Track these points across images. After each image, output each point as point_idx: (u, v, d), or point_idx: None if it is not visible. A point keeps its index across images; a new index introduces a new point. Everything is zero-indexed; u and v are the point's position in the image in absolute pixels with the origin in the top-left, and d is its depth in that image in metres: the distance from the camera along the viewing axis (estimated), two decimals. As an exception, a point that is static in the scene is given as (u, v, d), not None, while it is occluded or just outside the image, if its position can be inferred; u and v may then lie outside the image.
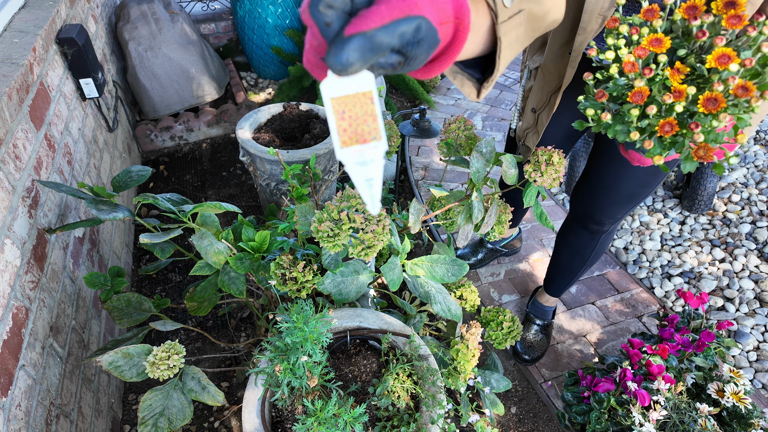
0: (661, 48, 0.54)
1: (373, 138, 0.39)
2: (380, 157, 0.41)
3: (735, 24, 0.52)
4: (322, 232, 0.84)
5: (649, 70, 0.54)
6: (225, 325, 1.68)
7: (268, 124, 1.88)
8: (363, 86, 0.36)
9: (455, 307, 1.06)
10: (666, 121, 0.55)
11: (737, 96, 0.52)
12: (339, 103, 0.36)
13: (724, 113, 0.52)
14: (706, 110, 0.52)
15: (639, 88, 0.55)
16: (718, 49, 0.52)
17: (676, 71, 0.54)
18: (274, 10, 2.73)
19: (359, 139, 0.38)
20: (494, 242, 1.79)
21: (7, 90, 1.10)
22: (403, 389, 0.96)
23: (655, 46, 0.55)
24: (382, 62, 0.36)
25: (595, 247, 1.36)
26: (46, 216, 1.21)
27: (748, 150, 2.32)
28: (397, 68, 0.38)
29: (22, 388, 0.96)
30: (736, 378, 1.18)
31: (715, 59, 0.52)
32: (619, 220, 1.26)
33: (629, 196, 1.16)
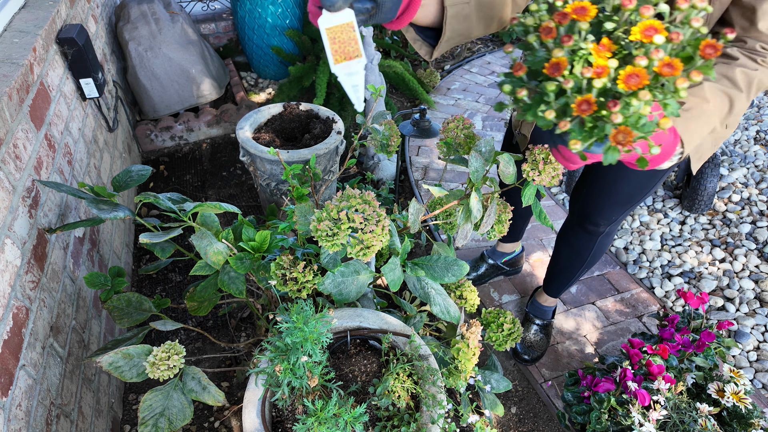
0: (585, 17, 0.48)
1: (356, 56, 0.56)
2: (361, 70, 0.58)
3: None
4: (321, 231, 0.84)
5: (569, 37, 0.48)
6: (225, 325, 1.68)
7: (268, 124, 1.88)
8: (346, 19, 0.53)
9: (454, 309, 1.06)
10: (583, 98, 0.48)
11: (662, 74, 0.46)
12: (331, 31, 0.54)
13: (645, 91, 0.46)
14: (627, 87, 0.47)
15: (557, 58, 0.49)
16: (644, 21, 0.47)
17: (601, 46, 0.48)
18: (274, 10, 2.73)
19: (346, 57, 0.56)
20: (496, 258, 1.78)
21: (8, 90, 1.10)
22: (404, 389, 0.96)
23: (580, 15, 0.49)
24: (359, 7, 0.55)
25: (593, 248, 1.36)
26: (47, 216, 1.21)
27: (748, 150, 2.32)
28: (372, 13, 0.57)
29: (22, 387, 0.96)
30: (736, 378, 1.18)
31: (641, 31, 0.47)
32: (615, 222, 1.27)
33: (625, 198, 1.17)
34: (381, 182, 2.25)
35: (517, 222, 1.64)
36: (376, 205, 0.87)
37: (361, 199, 0.87)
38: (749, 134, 2.42)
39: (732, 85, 0.77)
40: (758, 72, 0.77)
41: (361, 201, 0.86)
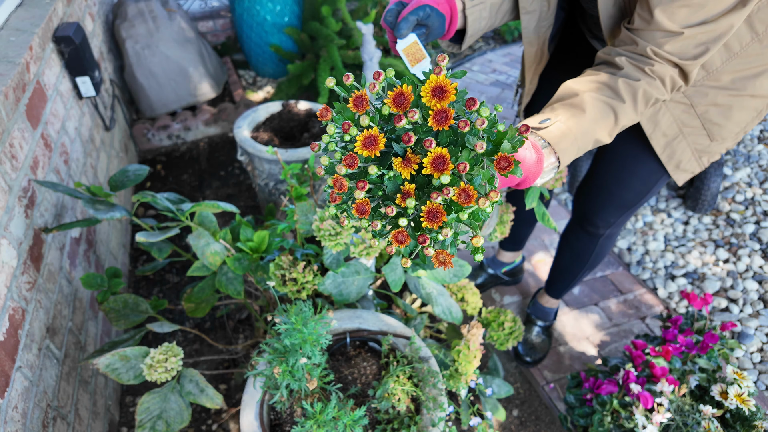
0: (376, 149, 0.50)
1: (423, 58, 0.79)
2: (428, 65, 0.80)
3: (443, 123, 0.49)
4: (323, 230, 0.83)
5: (363, 183, 0.50)
6: (223, 326, 1.66)
7: (266, 123, 1.87)
8: (412, 40, 0.79)
9: (456, 310, 1.05)
10: (397, 232, 0.51)
11: (461, 204, 0.48)
12: (405, 51, 0.80)
13: (446, 228, 0.49)
14: (430, 225, 0.48)
15: (359, 200, 0.51)
16: (433, 150, 0.48)
17: (406, 162, 0.50)
18: (272, 8, 2.71)
19: (417, 60, 0.80)
20: (496, 268, 1.77)
21: (4, 89, 1.09)
22: (404, 392, 0.95)
23: (370, 147, 0.50)
24: (417, 33, 0.81)
25: (594, 250, 1.35)
26: (43, 216, 1.20)
27: (752, 150, 2.30)
28: (427, 33, 0.83)
29: (18, 390, 0.94)
30: (739, 380, 1.17)
31: (431, 163, 0.48)
32: (614, 225, 1.27)
33: (624, 202, 1.18)
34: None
35: (519, 229, 1.62)
36: None
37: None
38: (753, 133, 2.41)
39: (614, 96, 0.76)
40: (641, 83, 0.76)
41: (363, 200, 0.85)
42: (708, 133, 1.03)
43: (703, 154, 1.07)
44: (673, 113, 1.00)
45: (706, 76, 0.95)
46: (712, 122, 1.00)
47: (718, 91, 0.96)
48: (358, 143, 0.50)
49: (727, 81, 0.95)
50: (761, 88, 0.97)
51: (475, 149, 0.49)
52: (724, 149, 1.07)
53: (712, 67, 0.94)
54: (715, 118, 1.00)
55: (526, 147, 0.65)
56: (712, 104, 0.98)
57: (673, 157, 1.06)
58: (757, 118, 1.04)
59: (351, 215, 0.54)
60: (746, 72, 0.95)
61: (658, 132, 1.03)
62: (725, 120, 1.00)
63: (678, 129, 1.02)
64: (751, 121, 1.04)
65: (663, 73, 0.77)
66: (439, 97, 0.50)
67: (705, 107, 0.99)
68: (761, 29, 0.89)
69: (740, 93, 0.97)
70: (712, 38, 0.76)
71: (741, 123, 1.02)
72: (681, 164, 1.08)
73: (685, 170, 1.10)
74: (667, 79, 0.78)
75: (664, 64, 0.77)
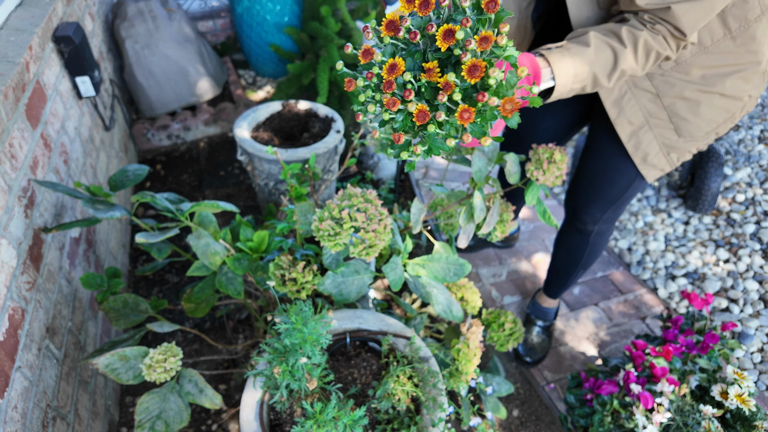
0: (398, 71, 0.59)
1: None
2: None
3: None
4: (323, 231, 0.83)
5: (409, 92, 0.59)
6: (223, 326, 1.66)
7: (266, 123, 1.86)
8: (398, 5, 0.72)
9: (457, 308, 1.04)
10: (462, 109, 0.59)
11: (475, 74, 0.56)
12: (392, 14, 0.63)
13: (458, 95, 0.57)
14: (470, 78, 0.57)
15: (419, 107, 0.59)
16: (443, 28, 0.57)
17: (428, 71, 0.58)
18: (272, 8, 2.71)
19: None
20: None
21: (3, 89, 1.08)
22: (404, 392, 0.95)
23: (394, 72, 0.59)
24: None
25: (587, 248, 1.35)
26: (42, 216, 1.19)
27: (752, 149, 2.30)
28: None
29: (18, 390, 0.94)
30: (740, 380, 1.17)
31: (441, 37, 0.56)
32: (601, 221, 1.27)
33: (608, 197, 1.19)
34: (381, 182, 2.23)
35: (511, 200, 1.62)
36: (378, 203, 0.86)
37: (363, 198, 0.85)
38: (753, 133, 2.40)
39: (617, 40, 0.80)
40: (643, 33, 0.80)
41: (363, 200, 0.85)
42: (675, 128, 1.02)
43: (672, 150, 1.06)
44: (639, 101, 1.00)
45: (674, 66, 0.95)
46: (680, 116, 1.00)
47: (686, 84, 0.96)
48: (384, 74, 0.60)
49: (697, 76, 0.95)
50: (732, 89, 0.96)
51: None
52: (694, 148, 1.06)
53: (682, 58, 0.94)
54: (682, 112, 0.99)
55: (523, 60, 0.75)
56: (680, 97, 0.98)
57: (639, 148, 1.06)
58: (729, 121, 1.03)
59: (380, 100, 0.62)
60: (717, 69, 0.94)
61: (623, 119, 1.03)
62: (693, 116, 0.99)
63: (644, 118, 1.02)
64: (723, 123, 1.03)
65: (664, 31, 0.80)
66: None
67: (672, 99, 0.98)
68: (734, 26, 0.89)
69: (709, 90, 0.96)
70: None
71: (710, 122, 1.01)
72: (648, 158, 1.07)
73: (654, 165, 1.09)
74: (669, 36, 0.81)
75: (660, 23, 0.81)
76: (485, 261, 1.91)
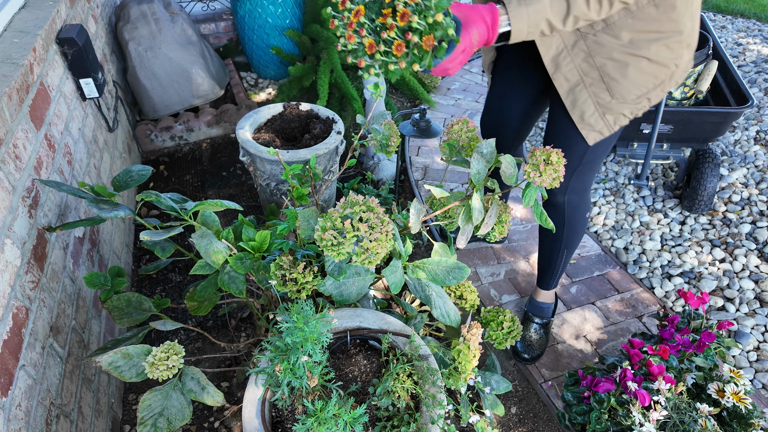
0: (360, 15, 0.79)
1: None
2: None
3: None
4: (326, 240, 0.84)
5: (362, 29, 0.80)
6: (225, 325, 1.68)
7: (268, 124, 1.88)
8: None
9: (454, 313, 1.06)
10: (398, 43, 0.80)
11: None
12: None
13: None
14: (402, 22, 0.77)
15: (369, 41, 0.81)
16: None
17: (383, 16, 0.77)
18: (274, 10, 2.73)
19: None
20: None
21: (8, 90, 1.10)
22: (404, 389, 0.96)
23: (356, 16, 0.79)
24: None
25: (564, 224, 1.40)
26: (46, 216, 1.21)
27: (748, 150, 2.32)
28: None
29: (22, 388, 0.95)
30: (736, 378, 1.18)
31: None
32: (569, 192, 1.33)
33: (570, 165, 1.26)
34: (381, 182, 2.24)
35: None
36: (380, 211, 0.87)
37: (365, 206, 0.86)
38: (749, 134, 2.42)
39: None
40: None
41: (365, 208, 0.86)
42: (607, 88, 1.09)
43: (607, 111, 1.13)
44: (574, 60, 1.08)
45: (605, 27, 1.02)
46: (610, 76, 1.07)
47: (615, 46, 1.03)
48: (352, 17, 0.80)
49: (626, 39, 1.02)
50: (657, 55, 1.04)
51: None
52: (627, 111, 1.13)
53: (611, 20, 1.01)
54: (612, 72, 1.07)
55: None
56: (609, 58, 1.05)
57: (576, 105, 1.13)
58: (659, 88, 1.11)
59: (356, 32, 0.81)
60: (643, 35, 1.02)
61: (559, 75, 1.11)
62: (621, 77, 1.06)
63: (579, 76, 1.10)
64: (653, 89, 1.11)
65: None
66: None
67: (603, 60, 1.06)
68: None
69: (636, 53, 1.04)
70: None
71: (639, 86, 1.08)
72: (585, 116, 1.14)
73: (592, 126, 1.16)
74: None
75: None
76: (484, 260, 1.93)
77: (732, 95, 1.97)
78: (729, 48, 3.29)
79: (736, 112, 1.78)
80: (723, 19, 3.83)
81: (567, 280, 1.84)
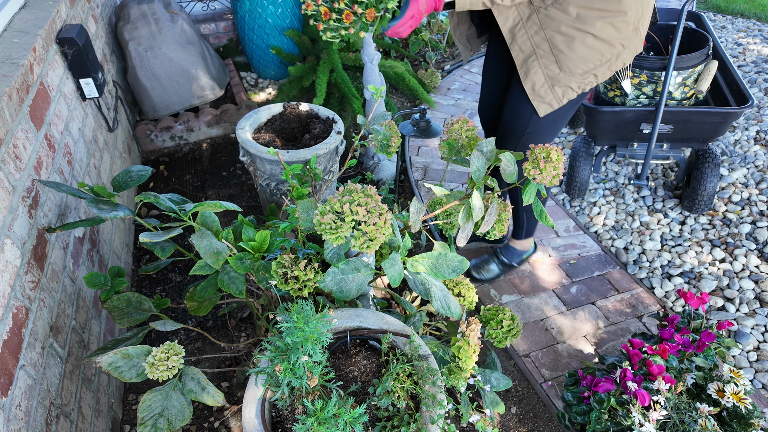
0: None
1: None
2: None
3: None
4: (324, 224, 0.85)
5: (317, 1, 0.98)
6: (225, 325, 1.68)
7: (268, 124, 1.88)
8: None
9: (455, 305, 1.06)
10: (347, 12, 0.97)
11: None
12: None
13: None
14: None
15: (324, 9, 0.99)
16: None
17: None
18: (274, 10, 2.73)
19: None
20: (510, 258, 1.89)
21: (8, 90, 1.10)
22: (403, 389, 0.96)
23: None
24: None
25: (516, 187, 1.52)
26: (46, 216, 1.21)
27: (748, 150, 2.32)
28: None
29: (22, 388, 0.95)
30: (736, 378, 1.18)
31: None
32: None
33: (517, 132, 1.38)
34: (381, 182, 2.24)
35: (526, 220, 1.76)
36: (377, 198, 0.87)
37: (363, 193, 0.87)
38: (749, 134, 2.42)
39: None
40: None
41: (363, 195, 0.87)
42: (556, 60, 1.18)
43: (556, 83, 1.21)
44: (527, 32, 1.17)
45: (554, 2, 1.11)
46: (558, 49, 1.16)
47: (563, 20, 1.12)
48: None
49: (573, 14, 1.11)
50: (602, 32, 1.12)
51: None
52: (574, 84, 1.22)
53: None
54: (560, 45, 1.15)
55: None
56: (558, 31, 1.14)
57: (528, 76, 1.22)
58: (605, 66, 1.19)
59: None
60: (589, 12, 1.10)
61: (515, 46, 1.20)
62: (568, 50, 1.15)
63: (532, 48, 1.19)
64: (600, 66, 1.19)
65: None
66: None
67: (552, 33, 1.15)
68: None
69: (583, 29, 1.12)
70: None
71: (586, 60, 1.17)
72: (536, 87, 1.23)
73: (542, 97, 1.25)
74: None
75: None
76: (484, 261, 1.92)
77: (732, 95, 1.97)
78: (729, 48, 3.29)
79: (736, 112, 1.78)
80: (723, 19, 3.83)
81: (567, 280, 1.84)
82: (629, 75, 1.86)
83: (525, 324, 1.69)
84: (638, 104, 1.94)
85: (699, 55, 1.83)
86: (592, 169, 2.12)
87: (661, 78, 1.82)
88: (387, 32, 1.03)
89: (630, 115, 1.87)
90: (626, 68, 1.35)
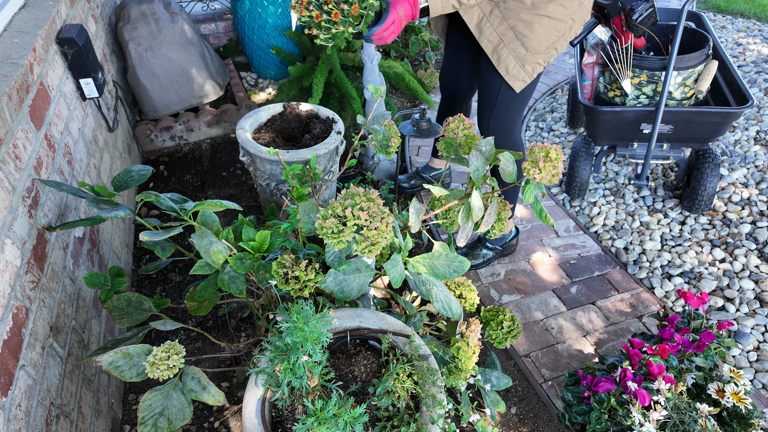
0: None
1: None
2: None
3: None
4: (326, 228, 0.85)
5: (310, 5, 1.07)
6: (225, 325, 1.68)
7: (268, 124, 1.88)
8: None
9: (456, 306, 1.06)
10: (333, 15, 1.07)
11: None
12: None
13: None
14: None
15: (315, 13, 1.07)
16: None
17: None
18: (274, 10, 2.73)
19: None
20: (427, 173, 2.09)
21: (8, 90, 1.10)
22: (404, 389, 0.96)
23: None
24: None
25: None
26: (46, 216, 1.21)
27: (748, 150, 2.32)
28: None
29: (22, 388, 0.95)
30: (736, 378, 1.18)
31: None
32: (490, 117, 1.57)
33: (490, 102, 1.54)
34: (381, 182, 2.25)
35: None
36: (380, 202, 0.87)
37: (365, 197, 0.87)
38: (749, 134, 2.42)
39: None
40: None
41: (366, 199, 0.87)
42: (522, 43, 1.36)
43: (525, 62, 1.39)
44: (492, 24, 1.36)
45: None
46: (522, 34, 1.35)
47: (521, 9, 1.31)
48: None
49: (528, 3, 1.30)
50: (555, 13, 1.32)
51: None
52: (541, 60, 1.40)
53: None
54: (522, 30, 1.34)
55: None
56: (518, 19, 1.33)
57: (501, 62, 1.40)
58: (562, 39, 1.39)
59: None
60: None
61: (484, 39, 1.38)
62: (530, 33, 1.34)
63: (499, 38, 1.37)
64: (558, 40, 1.38)
65: None
66: None
67: (514, 21, 1.33)
68: None
69: (539, 13, 1.31)
70: None
71: (546, 38, 1.36)
72: (510, 69, 1.41)
73: (516, 77, 1.42)
74: None
75: None
76: (484, 261, 1.92)
77: (732, 95, 1.97)
78: (729, 48, 3.29)
79: (736, 112, 1.78)
80: (723, 19, 3.83)
81: (567, 280, 1.84)
82: (629, 75, 1.86)
83: (525, 324, 1.70)
84: (638, 104, 1.94)
85: (699, 55, 1.83)
86: (592, 169, 2.12)
87: (661, 78, 1.82)
88: (372, 37, 1.14)
89: (630, 115, 1.87)
90: (626, 68, 1.41)
